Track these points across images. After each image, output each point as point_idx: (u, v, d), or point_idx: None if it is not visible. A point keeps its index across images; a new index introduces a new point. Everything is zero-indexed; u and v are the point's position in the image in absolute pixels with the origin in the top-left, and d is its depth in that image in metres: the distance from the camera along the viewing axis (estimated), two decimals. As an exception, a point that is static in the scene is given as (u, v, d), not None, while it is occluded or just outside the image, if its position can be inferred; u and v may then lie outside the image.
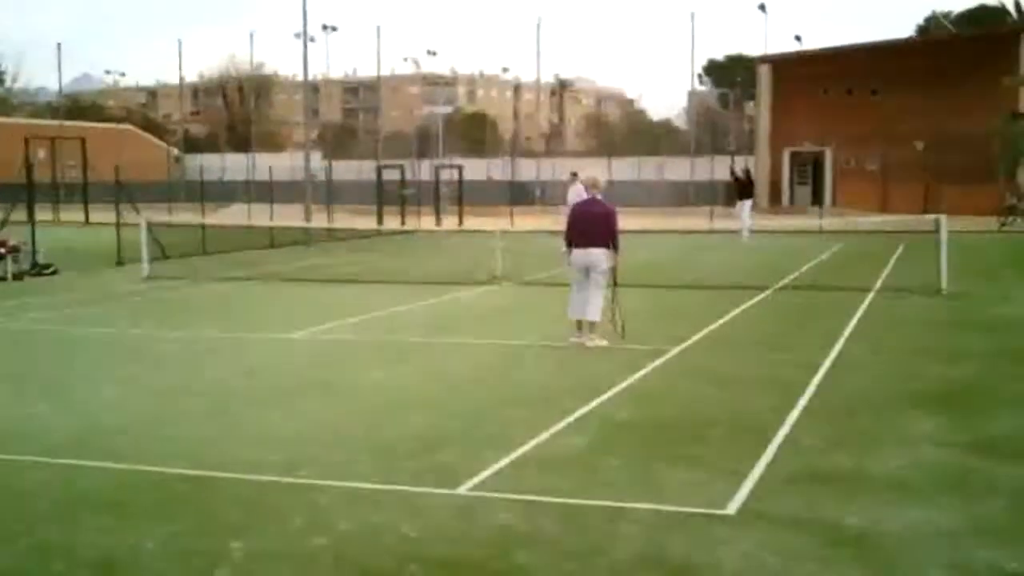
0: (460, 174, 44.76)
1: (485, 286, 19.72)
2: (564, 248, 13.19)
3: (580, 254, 12.87)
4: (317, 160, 56.67)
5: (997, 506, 6.71)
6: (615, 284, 13.09)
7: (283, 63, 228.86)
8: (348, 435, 8.61)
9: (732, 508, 6.60)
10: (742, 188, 34.48)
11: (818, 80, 55.47)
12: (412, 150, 74.28)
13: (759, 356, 12.27)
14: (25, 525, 6.48)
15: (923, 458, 7.79)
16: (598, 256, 12.77)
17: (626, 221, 13.17)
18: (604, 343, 12.65)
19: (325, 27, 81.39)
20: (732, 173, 35.68)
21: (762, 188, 54.94)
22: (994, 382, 10.84)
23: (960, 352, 12.38)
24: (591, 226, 12.84)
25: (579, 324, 12.93)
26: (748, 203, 33.85)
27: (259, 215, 39.02)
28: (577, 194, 27.81)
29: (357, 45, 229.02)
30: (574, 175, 29.34)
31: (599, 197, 13.03)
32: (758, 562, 5.79)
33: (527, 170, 70.75)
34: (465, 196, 43.58)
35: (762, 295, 17.98)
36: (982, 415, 9.26)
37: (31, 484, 7.37)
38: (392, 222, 39.06)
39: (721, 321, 14.90)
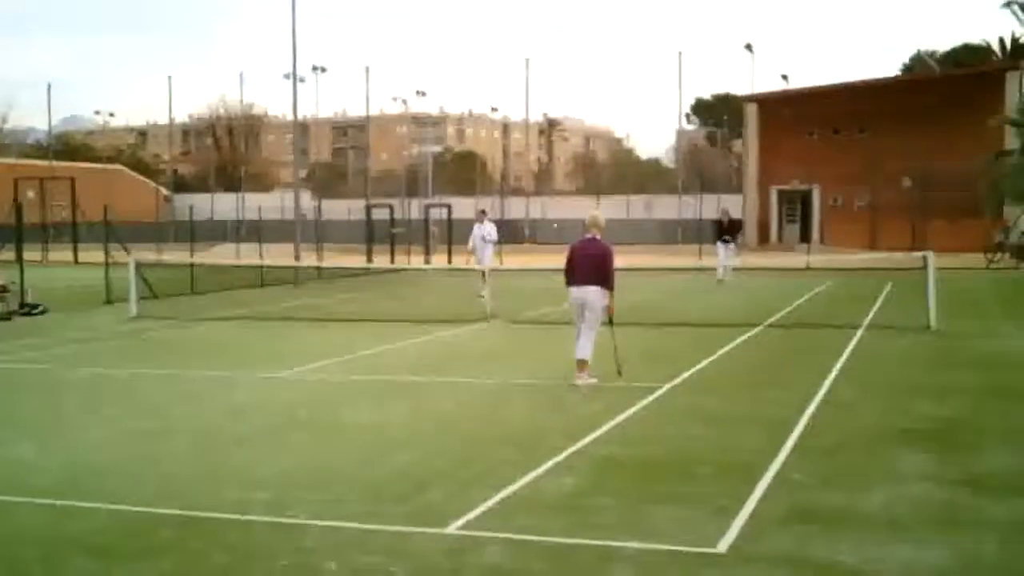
0: (449, 213, 44.86)
1: (474, 325, 19.69)
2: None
3: (576, 292, 12.99)
4: (306, 199, 56.77)
5: (986, 542, 6.69)
6: (611, 323, 13.14)
7: (272, 103, 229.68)
8: (336, 474, 8.56)
9: (722, 547, 6.57)
10: (721, 230, 33.85)
11: (805, 119, 55.85)
12: (401, 189, 74.41)
13: (748, 394, 12.26)
14: (9, 566, 6.43)
15: (913, 495, 7.78)
16: (593, 294, 12.87)
17: (615, 260, 13.24)
18: (593, 381, 12.66)
19: (315, 68, 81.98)
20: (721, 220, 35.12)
21: (750, 226, 55.17)
22: (982, 418, 10.84)
23: (948, 389, 12.38)
24: (587, 265, 12.95)
25: (578, 364, 12.98)
26: (721, 245, 32.76)
27: (248, 254, 39.00)
28: (486, 233, 27.49)
29: (346, 85, 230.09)
30: (483, 213, 29.14)
31: (598, 237, 13.11)
32: (748, 601, 5.76)
33: (516, 209, 70.95)
34: (455, 235, 43.64)
35: (750, 333, 17.99)
36: (970, 451, 9.25)
37: (16, 525, 7.31)
38: (382, 261, 39.06)
39: (710, 359, 14.90)
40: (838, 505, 7.52)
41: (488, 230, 27.59)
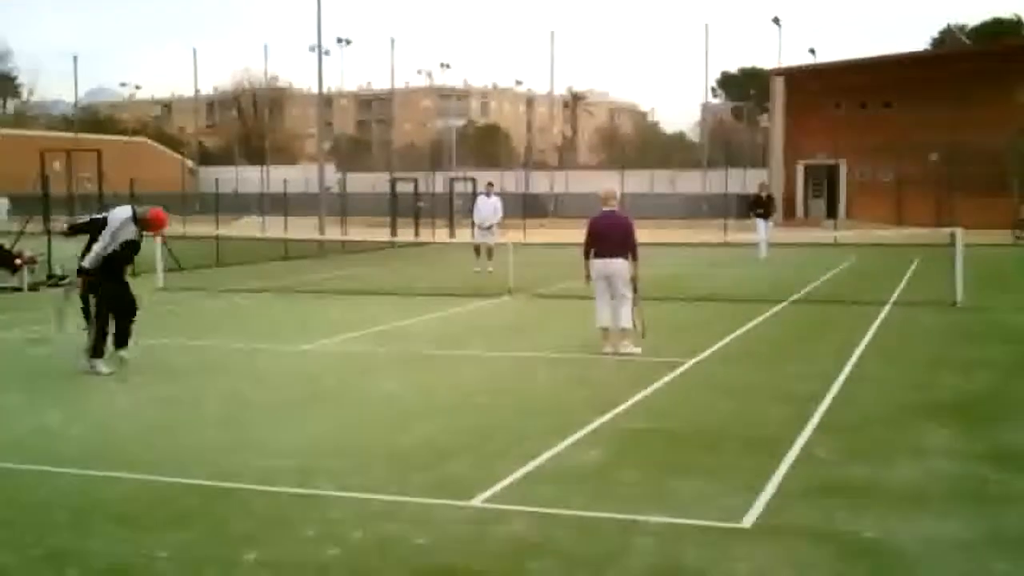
0: (473, 187, 44.80)
1: (498, 298, 19.71)
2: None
3: (600, 264, 13.12)
4: (331, 172, 56.86)
5: (1013, 517, 6.67)
6: (635, 291, 13.23)
7: (297, 76, 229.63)
8: (360, 446, 8.61)
9: (747, 520, 6.57)
10: (759, 204, 32.68)
11: (832, 93, 55.44)
12: (426, 163, 74.39)
13: (774, 368, 12.24)
14: (39, 534, 6.48)
15: (938, 469, 7.76)
16: (619, 266, 13.04)
17: (640, 234, 13.32)
18: (637, 350, 12.85)
19: (339, 40, 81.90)
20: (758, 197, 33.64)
21: (776, 201, 54.83)
22: (1009, 393, 10.80)
23: (975, 363, 12.32)
24: (610, 238, 13.13)
25: (605, 333, 13.11)
26: (760, 221, 31.91)
27: (273, 227, 39.13)
28: (491, 208, 26.87)
29: (371, 58, 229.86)
30: (490, 185, 28.58)
31: (616, 209, 13.24)
32: (773, 574, 5.76)
33: (540, 183, 70.85)
34: (479, 208, 43.54)
35: (777, 308, 17.94)
36: (997, 425, 9.22)
37: (45, 493, 7.38)
38: (406, 234, 39.11)
39: (736, 334, 14.87)
40: (863, 479, 7.50)
41: (497, 203, 27.06)
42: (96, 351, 12.04)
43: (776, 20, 74.44)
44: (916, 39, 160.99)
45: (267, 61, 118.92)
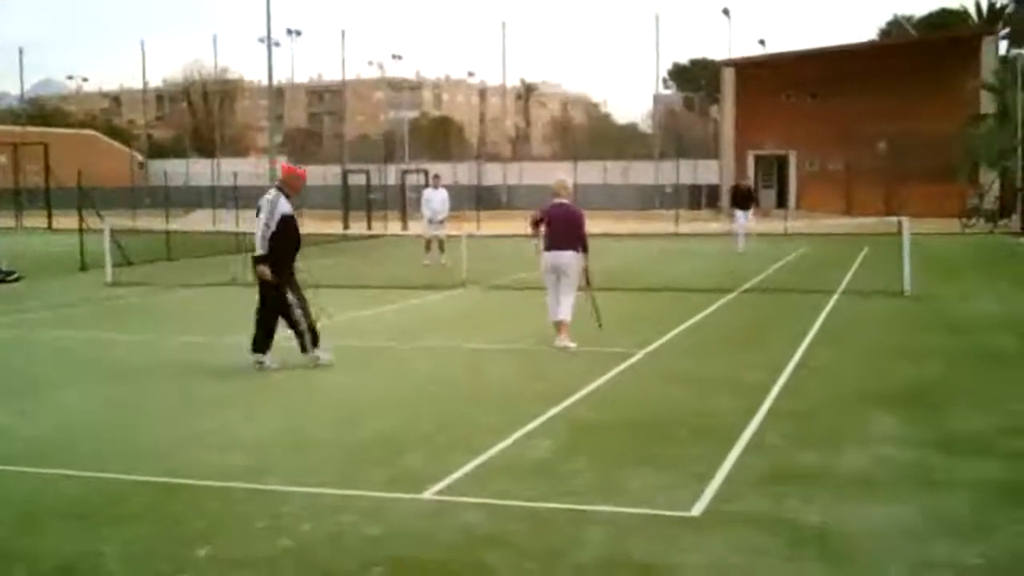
0: (426, 178, 44.72)
1: (451, 290, 19.70)
2: (536, 242, 13.39)
3: (550, 257, 13.06)
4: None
5: (959, 502, 6.76)
6: (588, 283, 13.24)
7: (248, 68, 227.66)
8: (313, 440, 8.58)
9: (697, 509, 6.62)
10: (740, 196, 32.16)
11: (782, 83, 55.78)
12: (379, 155, 74.06)
13: (724, 358, 12.32)
14: (-14, 533, 6.42)
15: (886, 456, 7.85)
16: (568, 259, 12.98)
17: (592, 225, 13.34)
18: (573, 345, 12.78)
19: (290, 31, 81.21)
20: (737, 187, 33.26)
21: (727, 192, 55.15)
22: (955, 380, 10.94)
23: (922, 352, 12.47)
24: (561, 230, 13.05)
25: (558, 326, 13.10)
26: (740, 212, 31.53)
27: (224, 220, 38.82)
28: (441, 200, 26.57)
29: (322, 49, 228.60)
30: (436, 177, 28.42)
31: (567, 201, 13.21)
32: (722, 563, 5.81)
33: (494, 175, 70.79)
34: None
35: (727, 298, 18.06)
36: (943, 413, 9.34)
37: (-8, 492, 7.30)
38: (358, 227, 38.96)
39: (687, 324, 14.95)
40: (812, 467, 7.58)
41: (444, 196, 26.74)
42: (257, 345, 11.93)
43: (726, 11, 74.67)
44: (863, 30, 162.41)
45: (217, 53, 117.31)
